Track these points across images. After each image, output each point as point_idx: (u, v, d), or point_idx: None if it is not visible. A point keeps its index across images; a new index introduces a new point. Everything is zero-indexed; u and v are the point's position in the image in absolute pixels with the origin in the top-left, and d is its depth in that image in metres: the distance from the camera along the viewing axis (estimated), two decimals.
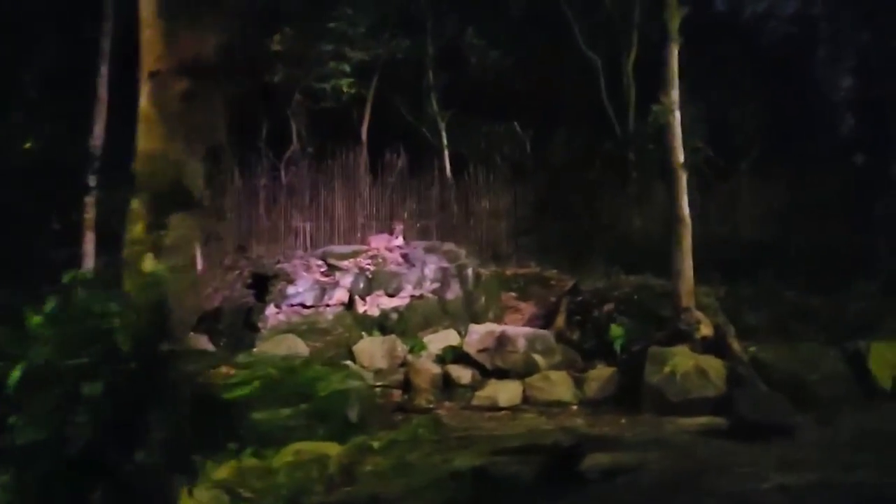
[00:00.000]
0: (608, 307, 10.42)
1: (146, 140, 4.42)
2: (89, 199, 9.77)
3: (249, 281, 11.58)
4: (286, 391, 7.04)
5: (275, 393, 7.05)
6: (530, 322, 11.34)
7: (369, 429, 7.14)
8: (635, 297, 10.41)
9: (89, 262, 9.76)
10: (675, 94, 9.27)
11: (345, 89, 11.65)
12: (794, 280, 11.30)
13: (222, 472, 6.04)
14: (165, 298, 4.15)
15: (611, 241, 12.31)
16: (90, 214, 9.78)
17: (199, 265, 12.71)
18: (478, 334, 9.32)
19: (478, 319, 10.76)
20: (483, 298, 11.14)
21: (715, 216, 12.53)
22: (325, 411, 6.87)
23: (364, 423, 7.18)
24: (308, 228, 12.91)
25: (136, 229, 4.30)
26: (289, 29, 11.28)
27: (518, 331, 9.43)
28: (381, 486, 5.64)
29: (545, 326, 10.75)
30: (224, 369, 7.50)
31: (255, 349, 9.82)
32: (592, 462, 5.45)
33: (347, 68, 11.59)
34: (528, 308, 11.71)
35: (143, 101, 4.38)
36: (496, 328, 9.44)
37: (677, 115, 9.28)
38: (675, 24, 9.24)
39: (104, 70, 9.94)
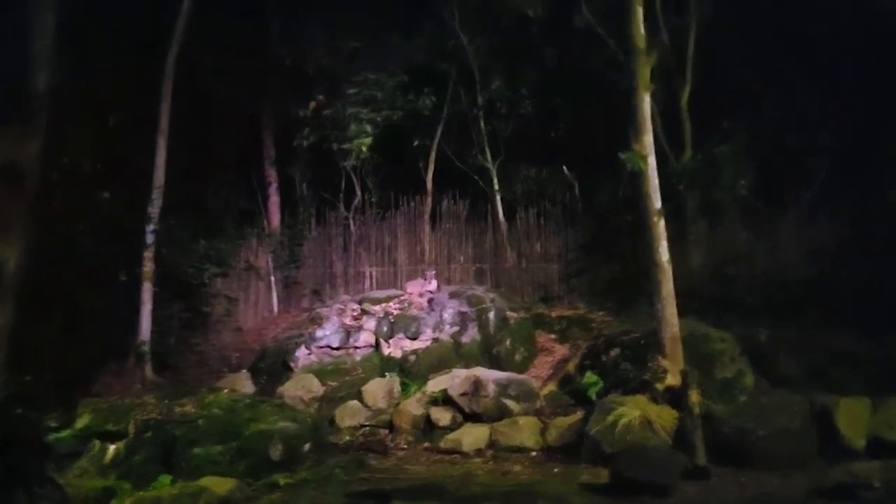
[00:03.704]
0: (614, 352, 10.34)
1: None
2: (147, 255, 11.39)
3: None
4: (223, 429, 7.99)
5: (214, 431, 8.04)
6: (559, 364, 11.44)
7: (295, 466, 7.88)
8: (642, 342, 10.21)
9: (147, 308, 11.36)
10: (648, 139, 9.13)
11: (364, 149, 12.57)
12: (844, 323, 10.44)
13: (130, 500, 7.13)
14: None
15: None
16: (147, 268, 11.38)
17: (275, 308, 14.19)
18: (459, 378, 9.69)
19: (499, 362, 11.07)
20: (508, 341, 11.37)
21: (762, 255, 11.86)
22: (248, 449, 7.73)
23: (292, 461, 7.92)
24: (374, 273, 13.89)
25: None
26: (322, 97, 12.49)
27: (490, 375, 9.67)
28: None
29: None
30: (188, 408, 8.64)
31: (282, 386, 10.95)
32: None
33: (369, 129, 12.52)
34: (562, 350, 11.78)
35: None
36: (475, 373, 9.74)
37: (651, 161, 9.14)
38: (644, 71, 9.13)
39: (162, 147, 11.60)
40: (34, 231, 6.45)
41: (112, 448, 8.26)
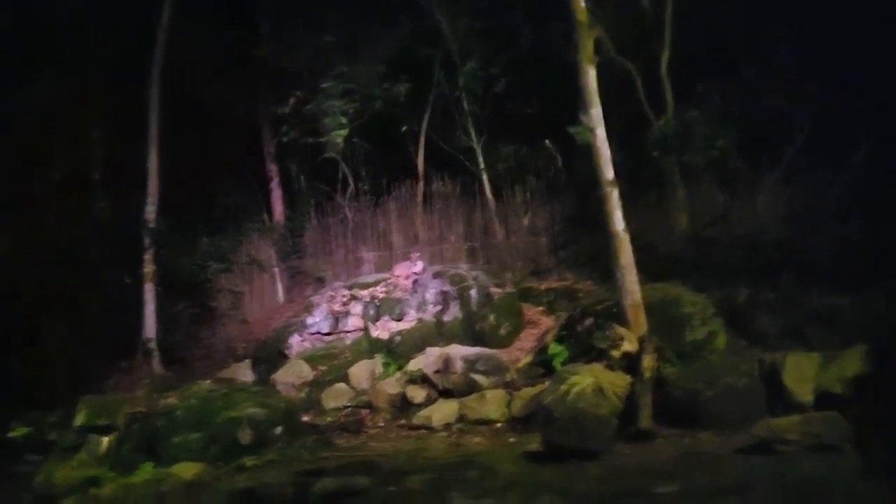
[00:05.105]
0: (589, 322, 10.57)
1: None
2: (147, 257, 12.03)
3: None
4: (198, 418, 8.53)
5: (191, 420, 8.59)
6: (544, 336, 11.71)
7: (265, 449, 8.37)
8: (614, 310, 10.40)
9: (150, 307, 12.02)
10: (595, 112, 9.28)
11: (339, 140, 12.95)
12: (820, 282, 10.46)
13: (110, 486, 7.74)
14: None
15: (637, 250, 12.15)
16: (148, 269, 12.03)
17: (281, 298, 14.75)
18: (433, 356, 10.07)
19: (483, 338, 11.40)
20: (492, 317, 11.66)
21: (740, 217, 11.89)
22: (218, 435, 8.25)
23: (263, 444, 8.40)
24: (371, 258, 14.34)
25: None
26: (300, 93, 12.92)
27: (460, 352, 10.00)
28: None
29: None
30: (171, 399, 9.24)
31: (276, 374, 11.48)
32: (324, 486, 6.29)
33: (344, 121, 12.89)
34: (548, 322, 12.03)
35: None
36: (447, 350, 10.10)
37: (599, 133, 9.29)
38: (587, 45, 9.27)
39: (153, 154, 12.21)
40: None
41: (105, 440, 8.89)
